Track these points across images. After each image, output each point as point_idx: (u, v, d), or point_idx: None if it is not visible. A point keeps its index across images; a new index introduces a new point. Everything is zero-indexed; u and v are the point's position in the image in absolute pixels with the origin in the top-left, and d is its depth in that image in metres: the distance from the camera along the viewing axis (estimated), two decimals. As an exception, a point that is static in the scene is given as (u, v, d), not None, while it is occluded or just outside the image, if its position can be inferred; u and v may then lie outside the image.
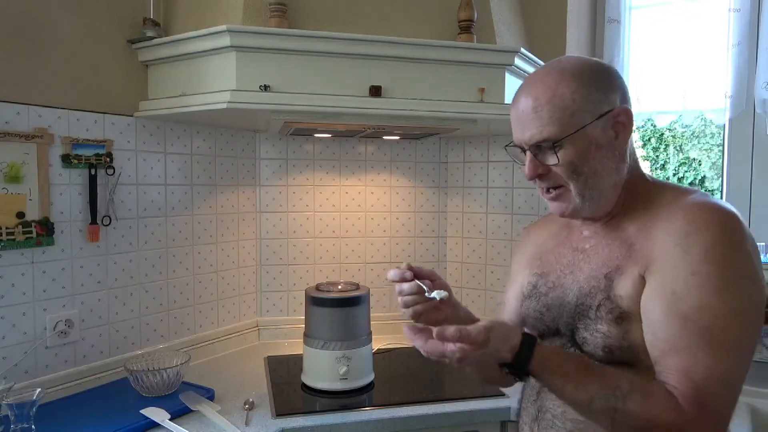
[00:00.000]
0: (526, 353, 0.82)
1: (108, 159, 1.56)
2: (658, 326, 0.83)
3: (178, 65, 1.58)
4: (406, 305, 1.03)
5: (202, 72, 1.52)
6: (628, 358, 0.87)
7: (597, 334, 0.90)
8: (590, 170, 0.92)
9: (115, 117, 1.60)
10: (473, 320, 1.10)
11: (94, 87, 1.55)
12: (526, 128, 0.92)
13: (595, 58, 0.99)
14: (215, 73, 1.50)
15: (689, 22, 1.96)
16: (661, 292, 0.83)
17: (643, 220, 0.92)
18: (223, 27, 1.42)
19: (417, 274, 1.01)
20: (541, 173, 0.94)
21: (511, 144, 0.98)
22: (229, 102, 1.44)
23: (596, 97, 0.91)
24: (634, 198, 0.97)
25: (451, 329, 0.79)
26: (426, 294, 0.99)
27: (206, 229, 1.87)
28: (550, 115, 0.90)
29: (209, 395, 1.50)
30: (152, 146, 1.69)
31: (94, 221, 1.53)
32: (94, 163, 1.53)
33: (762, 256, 1.77)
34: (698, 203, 0.87)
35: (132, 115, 1.64)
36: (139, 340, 1.68)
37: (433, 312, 1.03)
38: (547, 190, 0.96)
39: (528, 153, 0.94)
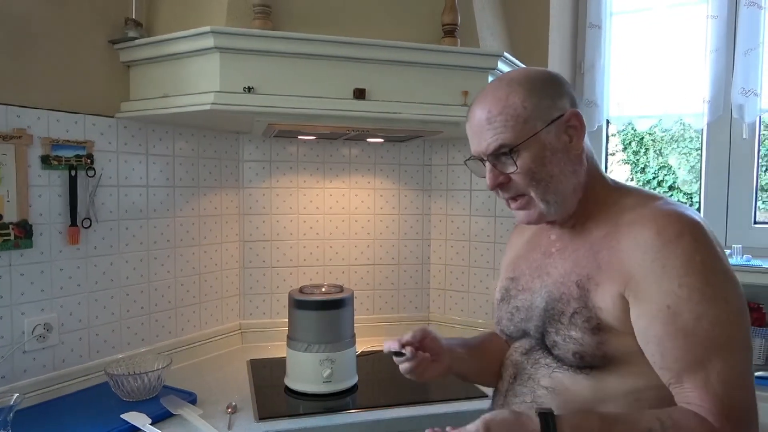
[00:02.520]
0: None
1: (88, 160, 1.54)
2: (664, 346, 0.83)
3: (160, 66, 1.57)
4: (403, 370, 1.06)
5: (185, 73, 1.51)
6: (598, 364, 0.89)
7: (569, 339, 0.91)
8: (548, 175, 0.94)
9: (96, 118, 1.58)
10: (477, 351, 1.13)
11: (74, 87, 1.53)
12: (482, 139, 0.95)
13: (542, 68, 1.02)
14: (198, 75, 1.49)
15: (668, 28, 2.00)
16: (656, 310, 0.84)
17: (607, 225, 0.94)
18: (207, 28, 1.41)
19: (409, 343, 1.04)
20: (502, 182, 0.96)
21: (471, 158, 1.00)
22: (212, 104, 1.43)
23: (546, 103, 0.93)
24: (596, 201, 0.98)
25: None
26: (400, 354, 1.03)
27: (188, 232, 1.85)
28: (504, 124, 0.92)
29: (191, 399, 1.48)
30: (134, 147, 1.68)
31: (74, 223, 1.51)
32: (75, 164, 1.51)
33: (739, 258, 1.81)
34: (664, 212, 0.88)
35: (113, 116, 1.62)
36: (120, 343, 1.66)
37: (430, 366, 1.05)
38: (512, 200, 0.98)
39: (487, 164, 0.96)
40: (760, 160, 1.97)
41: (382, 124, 1.63)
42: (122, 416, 1.34)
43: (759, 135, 1.95)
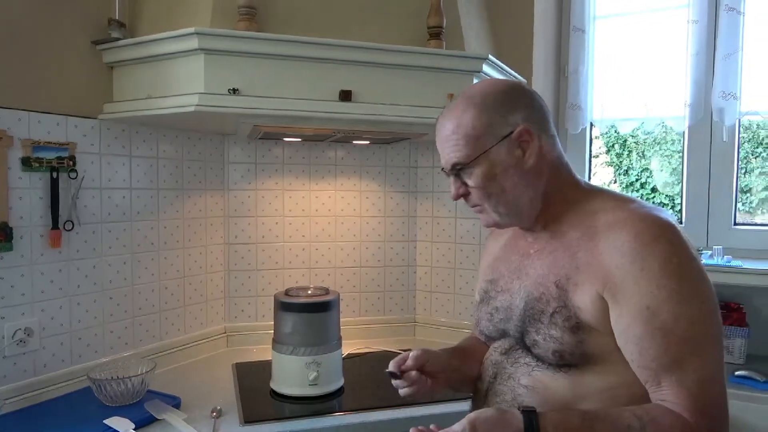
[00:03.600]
0: (534, 430, 0.83)
1: (71, 162, 1.53)
2: (642, 345, 0.86)
3: (144, 67, 1.56)
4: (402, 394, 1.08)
5: (170, 74, 1.50)
6: (577, 362, 0.92)
7: (549, 338, 0.93)
8: (500, 189, 0.99)
9: (79, 119, 1.56)
10: (468, 358, 1.14)
11: (56, 88, 1.51)
12: (443, 153, 1.02)
13: (503, 81, 1.06)
14: (183, 76, 1.48)
15: (651, 32, 2.03)
16: (636, 311, 0.86)
17: (584, 227, 0.96)
18: (192, 29, 1.40)
19: (410, 368, 1.06)
20: (462, 193, 1.03)
21: (442, 168, 1.06)
22: (197, 105, 1.42)
23: (496, 121, 0.98)
24: (568, 204, 1.01)
25: None
26: (397, 376, 1.06)
27: (173, 234, 1.84)
28: (456, 142, 0.99)
29: (175, 403, 1.47)
30: (117, 149, 1.66)
31: (55, 226, 1.49)
32: (56, 166, 1.49)
33: (720, 259, 1.84)
34: (641, 215, 0.91)
35: (96, 118, 1.60)
36: (103, 347, 1.64)
37: (424, 383, 1.07)
38: (473, 207, 1.05)
39: (451, 177, 1.03)
40: (739, 163, 2.00)
41: (368, 126, 1.63)
42: (105, 421, 1.33)
43: (738, 138, 1.98)
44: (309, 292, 1.64)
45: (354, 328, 2.09)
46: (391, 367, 1.06)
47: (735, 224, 1.99)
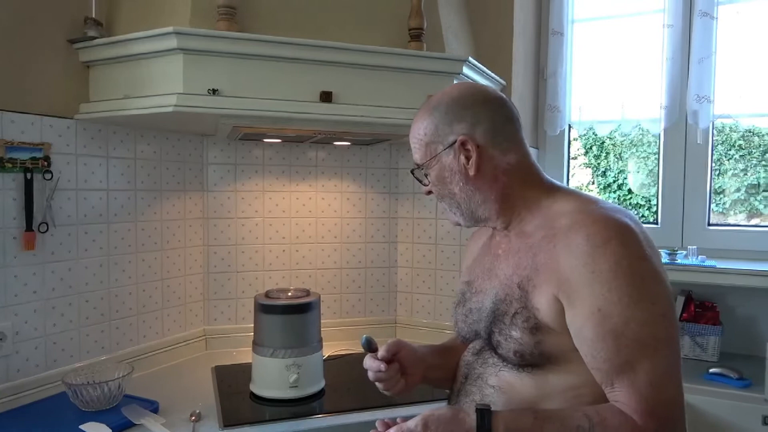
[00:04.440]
0: (486, 429, 0.85)
1: (45, 163, 1.50)
2: (594, 347, 0.87)
3: (121, 67, 1.54)
4: (374, 380, 1.09)
5: (148, 74, 1.48)
6: (537, 362, 0.93)
7: (510, 339, 0.95)
8: (450, 192, 1.05)
9: (54, 119, 1.53)
10: (452, 356, 1.16)
11: (31, 87, 1.48)
12: (412, 153, 1.09)
13: (463, 87, 1.08)
14: (161, 76, 1.46)
15: (627, 36, 2.06)
16: (588, 313, 0.87)
17: (546, 229, 0.97)
18: (170, 29, 1.38)
19: (383, 358, 1.07)
20: (428, 191, 1.09)
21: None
22: (175, 105, 1.40)
23: (443, 129, 1.03)
24: (530, 206, 1.02)
25: (392, 430, 0.90)
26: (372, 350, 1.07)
27: (150, 236, 1.81)
28: (415, 144, 1.07)
29: (153, 408, 1.45)
30: (93, 150, 1.63)
31: (29, 228, 1.46)
32: (30, 167, 1.46)
33: (694, 259, 1.87)
34: (595, 217, 0.91)
35: (72, 118, 1.57)
36: (79, 352, 1.61)
37: (405, 378, 1.08)
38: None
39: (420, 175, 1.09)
40: (713, 165, 2.05)
41: (349, 128, 1.63)
42: (81, 427, 1.30)
43: (712, 140, 2.02)
44: (289, 293, 1.63)
45: (335, 330, 2.09)
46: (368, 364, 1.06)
47: (709, 225, 2.04)
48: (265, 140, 1.97)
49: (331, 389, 1.63)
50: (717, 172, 2.11)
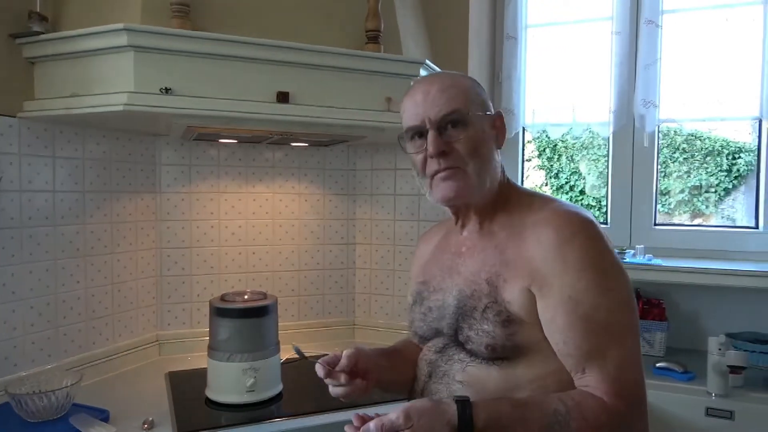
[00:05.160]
0: (467, 418, 0.85)
1: (-14, 163, 1.43)
2: (566, 334, 0.91)
3: (69, 63, 1.48)
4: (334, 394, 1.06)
5: (97, 71, 1.43)
6: (508, 355, 0.96)
7: (482, 333, 0.97)
8: (485, 154, 1.02)
9: (-5, 117, 1.46)
10: (399, 359, 1.15)
11: (-31, 84, 1.41)
12: (433, 105, 1.00)
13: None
14: (111, 74, 1.41)
15: (578, 42, 2.12)
16: (559, 301, 0.92)
17: (512, 227, 1.02)
18: (120, 25, 1.35)
19: (343, 370, 1.03)
20: (444, 150, 0.99)
21: (410, 131, 1.04)
22: (126, 104, 1.36)
23: (484, 97, 1.05)
24: (505, 201, 1.06)
25: (371, 425, 0.85)
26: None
27: (100, 239, 1.75)
28: (457, 94, 1.01)
29: (103, 417, 1.40)
30: (38, 150, 1.57)
31: (-32, 231, 1.39)
32: (-31, 167, 1.39)
33: (642, 257, 1.94)
34: (561, 213, 0.98)
35: (15, 116, 1.50)
36: (23, 360, 1.54)
37: (358, 385, 1.05)
38: (445, 171, 1.00)
39: (432, 132, 1.00)
40: (659, 167, 2.13)
41: (306, 129, 1.62)
42: (26, 438, 1.25)
43: (658, 143, 2.11)
44: (246, 296, 1.61)
45: (293, 332, 2.07)
46: (320, 371, 1.03)
47: (655, 225, 2.12)
48: (220, 141, 1.93)
49: (289, 392, 1.62)
50: (663, 174, 2.19)
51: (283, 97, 1.52)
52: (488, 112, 1.04)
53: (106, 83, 1.42)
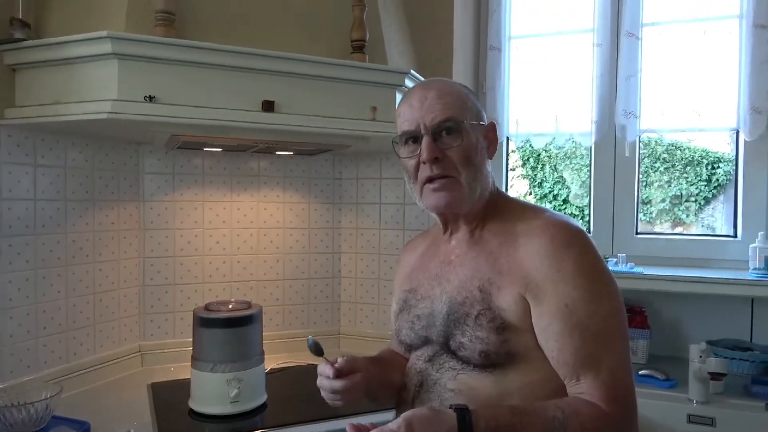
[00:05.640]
0: (467, 426, 0.85)
1: (-35, 171, 1.41)
2: (562, 341, 0.93)
3: (51, 71, 1.47)
4: (324, 390, 1.05)
5: (80, 79, 1.42)
6: (501, 361, 0.96)
7: (475, 339, 0.97)
8: (478, 163, 1.03)
9: (-25, 125, 1.44)
10: (386, 368, 1.14)
11: (-52, 91, 1.39)
12: (429, 111, 1.01)
13: None
14: (95, 81, 1.40)
15: (560, 53, 2.15)
16: (555, 309, 0.93)
17: (503, 235, 1.03)
18: (104, 33, 1.34)
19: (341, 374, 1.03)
20: (437, 157, 1.00)
21: (404, 135, 1.04)
22: (109, 112, 1.36)
23: (479, 107, 1.06)
24: (495, 210, 1.08)
25: None
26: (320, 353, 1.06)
27: (82, 248, 1.73)
28: (454, 102, 1.02)
29: (84, 429, 1.38)
30: (19, 158, 1.55)
31: (-54, 240, 1.36)
32: (-52, 175, 1.37)
33: (624, 266, 1.97)
34: (554, 222, 1.00)
35: (-5, 124, 1.49)
36: (1, 372, 1.51)
37: (352, 391, 1.04)
38: (438, 179, 1.01)
39: (426, 138, 1.00)
40: (640, 176, 2.16)
41: (291, 137, 1.62)
42: (3, 452, 1.23)
43: (639, 153, 2.14)
44: (230, 306, 1.60)
45: (278, 342, 2.05)
46: (328, 371, 1.02)
47: (637, 233, 2.14)
48: (205, 149, 1.92)
49: (273, 403, 1.61)
50: (644, 183, 2.22)
51: (268, 106, 1.52)
52: (482, 122, 1.06)
53: (90, 91, 1.41)
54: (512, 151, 2.45)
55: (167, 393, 1.68)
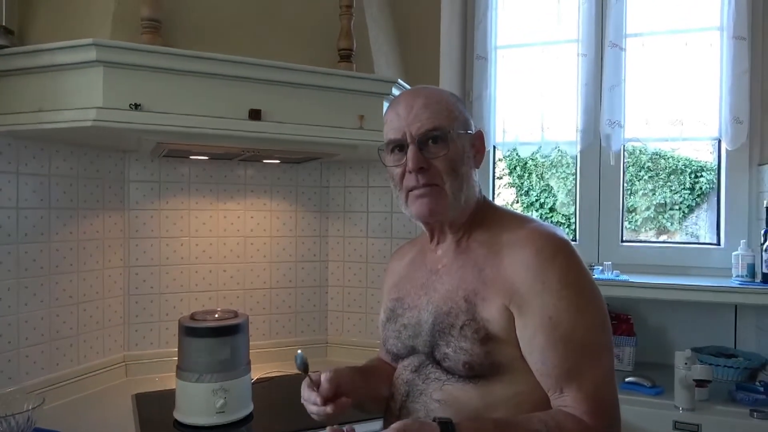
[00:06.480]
0: None
1: (-54, 179, 1.39)
2: (545, 354, 0.93)
3: (35, 78, 1.45)
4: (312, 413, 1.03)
5: (65, 86, 1.41)
6: (486, 372, 0.96)
7: (459, 351, 0.97)
8: (464, 173, 1.03)
9: (-44, 132, 1.42)
10: (372, 378, 1.12)
11: (-71, 98, 1.37)
12: (415, 120, 1.00)
13: None
14: (79, 89, 1.39)
15: (546, 63, 2.18)
16: (539, 322, 0.93)
17: (489, 244, 1.02)
18: (89, 40, 1.33)
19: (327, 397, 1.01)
20: (423, 166, 0.99)
21: (390, 144, 1.04)
22: (94, 120, 1.34)
23: (466, 115, 1.06)
24: (481, 219, 1.07)
25: None
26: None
27: (65, 257, 1.71)
28: (440, 110, 1.01)
29: (67, 441, 1.36)
30: (2, 165, 1.53)
31: (-75, 250, 1.34)
32: (-72, 183, 1.35)
33: (609, 274, 1.98)
34: (540, 233, 0.99)
35: (-23, 131, 1.47)
36: (-19, 383, 1.48)
37: (341, 406, 1.02)
38: (423, 187, 1.01)
39: (412, 147, 1.00)
40: (625, 185, 2.18)
41: (278, 146, 1.62)
42: (-18, 466, 1.20)
43: (623, 162, 2.16)
44: (216, 315, 1.58)
45: (265, 351, 2.04)
46: (307, 395, 1.01)
47: (622, 241, 2.16)
48: (191, 157, 1.91)
49: (259, 413, 1.59)
50: (629, 191, 2.25)
51: (254, 114, 1.51)
52: (469, 131, 1.05)
53: (74, 98, 1.40)
54: (499, 160, 2.46)
55: (152, 404, 1.66)
